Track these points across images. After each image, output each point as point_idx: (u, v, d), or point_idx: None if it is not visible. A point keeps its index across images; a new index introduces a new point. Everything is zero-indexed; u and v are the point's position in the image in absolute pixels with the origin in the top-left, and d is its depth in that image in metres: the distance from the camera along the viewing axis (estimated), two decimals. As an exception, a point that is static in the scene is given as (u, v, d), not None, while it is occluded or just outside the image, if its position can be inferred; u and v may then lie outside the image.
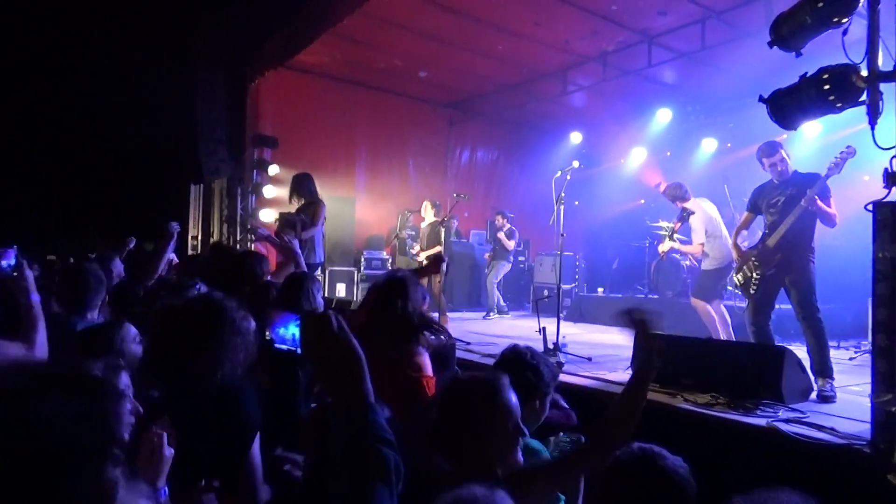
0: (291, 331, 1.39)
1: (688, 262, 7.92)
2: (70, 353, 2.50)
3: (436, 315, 8.21)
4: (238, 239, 9.71)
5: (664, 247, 6.83)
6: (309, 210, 6.33)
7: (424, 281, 8.08)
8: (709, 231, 6.16)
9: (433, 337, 2.90)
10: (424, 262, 7.78)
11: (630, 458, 1.76)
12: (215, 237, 9.58)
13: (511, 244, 9.12)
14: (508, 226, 9.21)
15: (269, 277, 4.12)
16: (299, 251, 4.53)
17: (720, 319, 5.98)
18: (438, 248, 8.08)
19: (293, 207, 6.56)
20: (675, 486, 1.66)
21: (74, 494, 0.89)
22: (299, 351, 1.28)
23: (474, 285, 10.72)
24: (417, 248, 9.00)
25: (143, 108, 9.18)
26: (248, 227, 9.22)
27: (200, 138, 8.72)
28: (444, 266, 5.98)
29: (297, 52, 8.47)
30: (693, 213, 6.22)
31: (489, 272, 9.30)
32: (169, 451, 1.59)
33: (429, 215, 8.87)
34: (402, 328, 2.75)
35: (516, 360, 2.48)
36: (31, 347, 2.51)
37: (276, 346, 1.44)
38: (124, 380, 1.78)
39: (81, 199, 9.55)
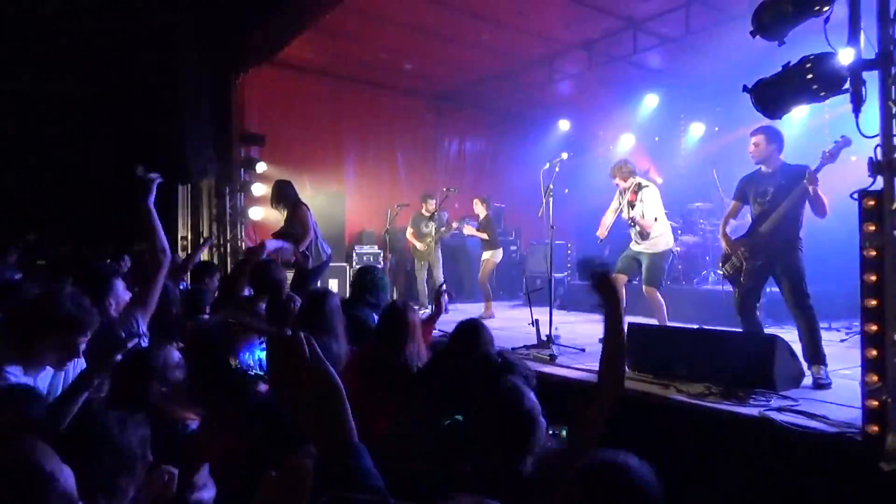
0: (257, 355, 1.26)
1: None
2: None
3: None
4: (228, 238, 9.66)
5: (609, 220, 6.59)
6: (295, 219, 6.28)
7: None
8: (658, 214, 6.14)
9: None
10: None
11: (593, 472, 1.75)
12: (205, 236, 9.52)
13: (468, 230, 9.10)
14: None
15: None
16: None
17: (663, 307, 6.00)
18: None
19: (276, 213, 6.58)
20: (641, 498, 1.65)
21: None
22: (266, 378, 1.19)
23: (466, 277, 10.70)
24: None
25: (126, 108, 9.05)
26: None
27: (186, 138, 8.63)
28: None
29: (281, 47, 8.39)
30: (648, 185, 6.21)
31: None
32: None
33: (481, 210, 9.00)
34: None
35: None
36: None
37: (240, 370, 1.30)
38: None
39: (64, 201, 9.42)
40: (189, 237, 9.69)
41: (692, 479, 3.37)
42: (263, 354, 1.08)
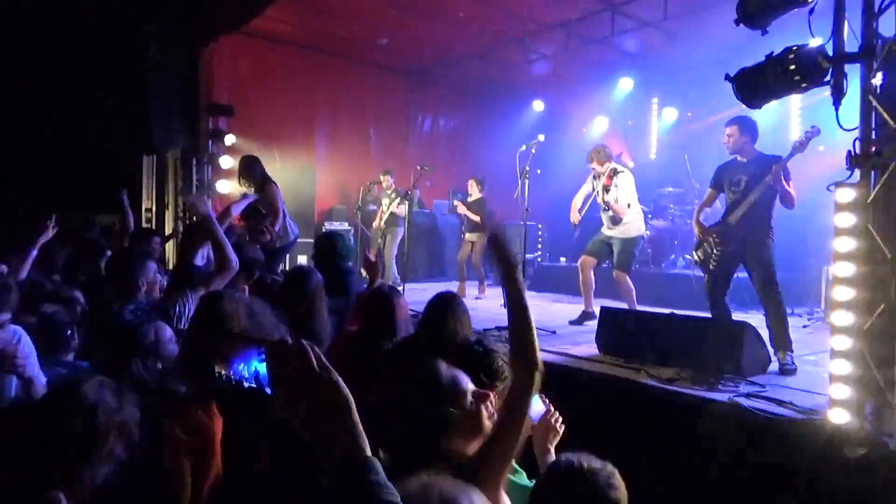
0: (254, 367, 1.07)
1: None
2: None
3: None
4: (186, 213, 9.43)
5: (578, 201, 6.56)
6: (264, 197, 6.12)
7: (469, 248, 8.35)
8: (632, 200, 6.19)
9: None
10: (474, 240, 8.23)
11: (555, 478, 1.73)
12: (170, 210, 9.29)
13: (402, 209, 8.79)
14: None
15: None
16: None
17: (632, 291, 6.06)
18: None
19: (242, 189, 6.40)
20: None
21: None
22: (268, 391, 1.03)
23: (436, 256, 10.68)
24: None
25: (89, 76, 8.71)
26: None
27: (152, 107, 8.37)
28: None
29: (252, 17, 8.13)
30: (623, 171, 6.25)
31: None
32: None
33: (475, 192, 8.77)
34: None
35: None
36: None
37: (234, 383, 1.11)
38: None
39: (25, 171, 9.08)
40: (153, 209, 9.44)
41: (662, 463, 3.43)
42: (262, 366, 0.93)
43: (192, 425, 1.89)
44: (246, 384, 1.08)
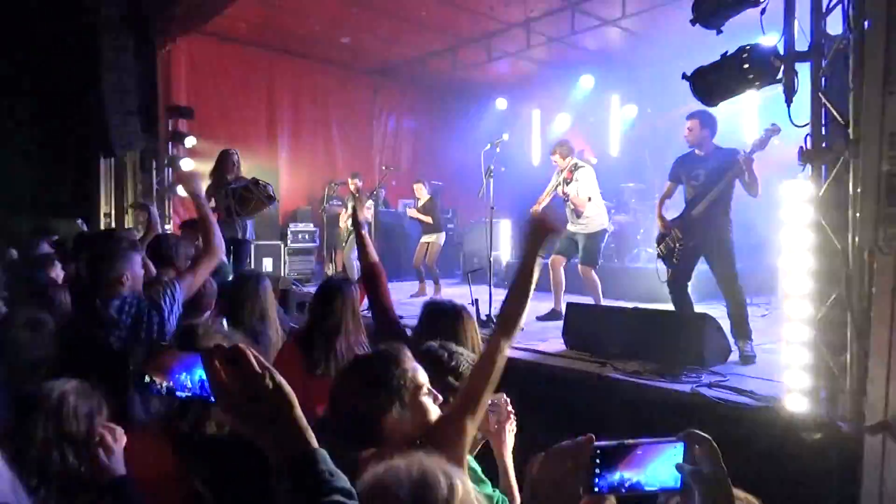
0: (198, 375, 1.03)
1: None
2: None
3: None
4: (140, 220, 9.23)
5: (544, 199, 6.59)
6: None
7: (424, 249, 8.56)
8: (593, 194, 6.29)
9: None
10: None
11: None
12: (129, 214, 9.09)
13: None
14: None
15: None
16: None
17: (598, 286, 6.15)
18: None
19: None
20: None
21: None
22: (212, 399, 0.99)
23: (403, 256, 10.66)
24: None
25: (43, 77, 8.46)
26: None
27: (108, 109, 8.16)
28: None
29: (211, 16, 8.02)
30: (584, 166, 6.34)
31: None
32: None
33: (422, 194, 8.85)
34: None
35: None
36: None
37: (178, 394, 1.07)
38: None
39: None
40: (112, 213, 9.23)
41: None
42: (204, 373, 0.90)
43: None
44: (189, 394, 1.04)
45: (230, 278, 4.25)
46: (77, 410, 1.62)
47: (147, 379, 1.11)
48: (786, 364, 3.19)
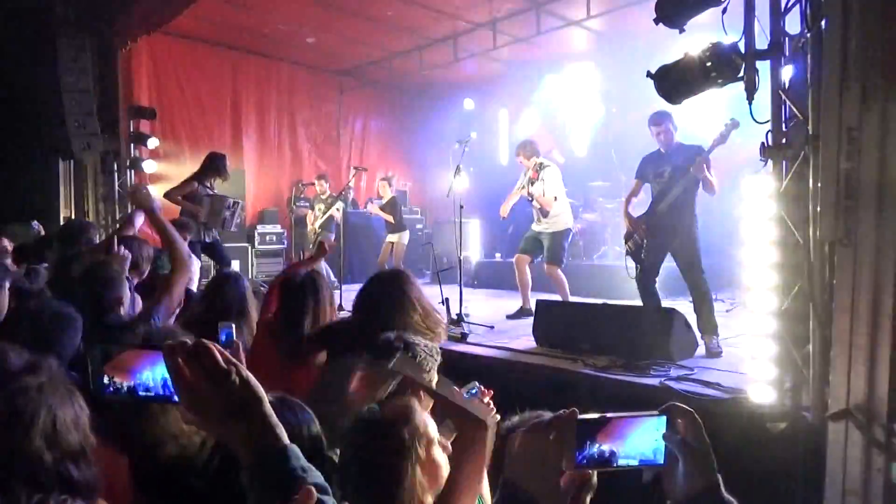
0: (160, 373, 0.96)
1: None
2: None
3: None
4: (117, 218, 9.04)
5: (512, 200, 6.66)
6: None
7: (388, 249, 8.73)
8: (559, 193, 6.35)
9: None
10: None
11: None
12: (91, 218, 8.86)
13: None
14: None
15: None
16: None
17: (565, 284, 6.20)
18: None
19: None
20: None
21: None
22: (175, 398, 0.94)
23: (372, 256, 10.61)
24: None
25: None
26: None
27: (67, 110, 7.95)
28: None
29: (173, 15, 7.84)
30: (549, 165, 6.39)
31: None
32: None
33: (386, 192, 8.92)
34: None
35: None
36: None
37: (140, 394, 0.99)
38: None
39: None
40: (73, 217, 8.99)
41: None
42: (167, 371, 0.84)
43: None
44: (151, 394, 0.97)
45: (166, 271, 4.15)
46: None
47: (106, 380, 1.02)
48: (751, 356, 3.26)
